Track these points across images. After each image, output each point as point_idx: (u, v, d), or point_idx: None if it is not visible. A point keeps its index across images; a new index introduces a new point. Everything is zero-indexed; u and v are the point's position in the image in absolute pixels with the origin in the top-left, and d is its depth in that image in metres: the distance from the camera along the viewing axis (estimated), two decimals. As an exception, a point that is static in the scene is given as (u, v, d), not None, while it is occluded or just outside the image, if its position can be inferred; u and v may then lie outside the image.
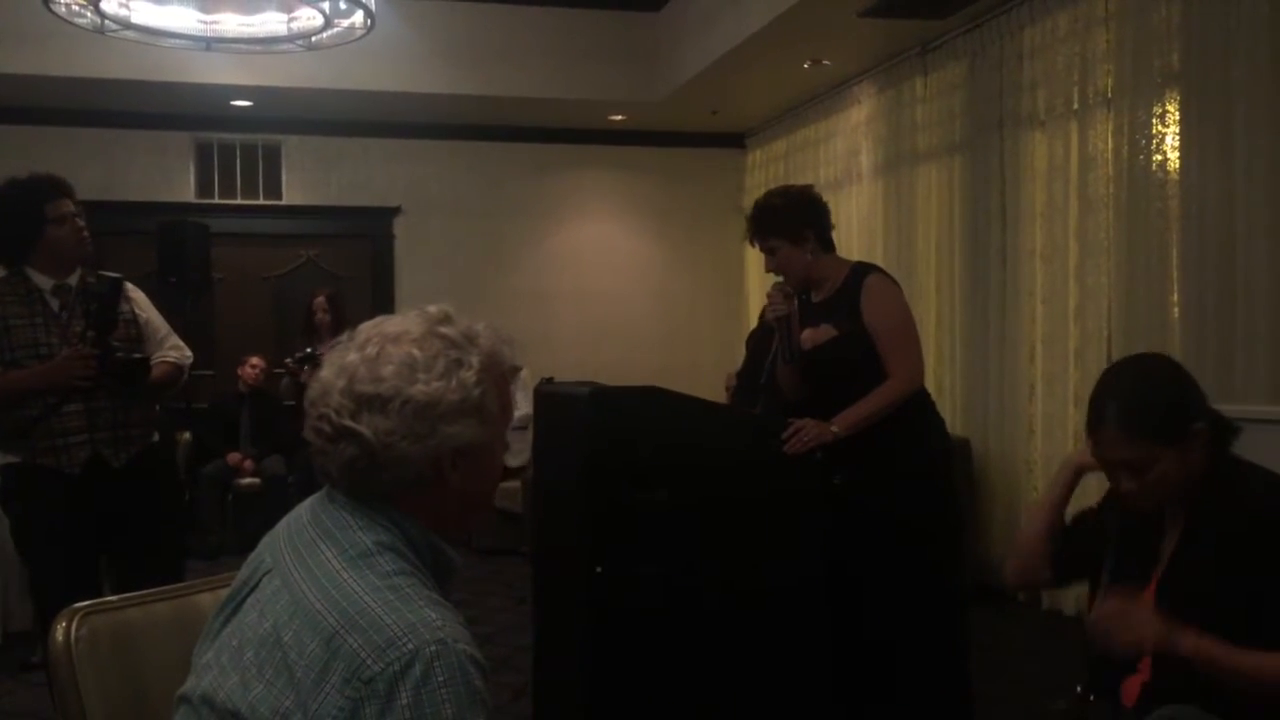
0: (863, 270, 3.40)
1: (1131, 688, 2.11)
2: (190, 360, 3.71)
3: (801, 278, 3.41)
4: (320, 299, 6.03)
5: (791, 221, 3.37)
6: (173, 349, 3.62)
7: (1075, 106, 5.35)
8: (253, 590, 1.41)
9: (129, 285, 3.55)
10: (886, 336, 3.28)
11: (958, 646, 3.39)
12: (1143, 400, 2.12)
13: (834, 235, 3.52)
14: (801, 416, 3.23)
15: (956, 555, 3.49)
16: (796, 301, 3.45)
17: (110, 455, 3.39)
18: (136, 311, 3.53)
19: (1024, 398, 5.72)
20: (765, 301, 4.39)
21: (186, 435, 7.17)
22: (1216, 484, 2.08)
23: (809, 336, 3.40)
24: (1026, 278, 5.68)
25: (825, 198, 3.59)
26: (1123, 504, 2.18)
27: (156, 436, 3.61)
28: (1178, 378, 2.17)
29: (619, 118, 8.56)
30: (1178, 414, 2.08)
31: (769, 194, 3.54)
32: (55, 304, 3.40)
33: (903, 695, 3.31)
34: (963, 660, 3.39)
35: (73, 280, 3.44)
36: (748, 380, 4.20)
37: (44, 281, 3.40)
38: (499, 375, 1.43)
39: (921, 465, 3.35)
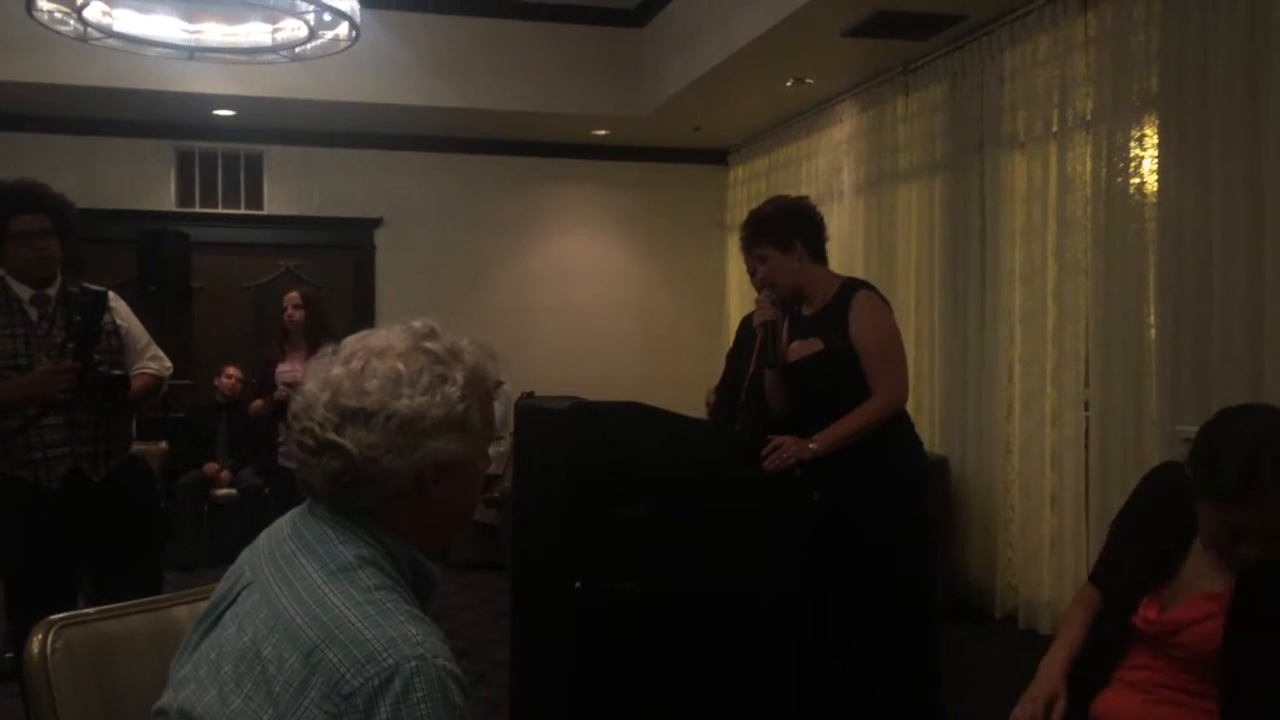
0: (853, 286, 3.40)
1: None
2: (170, 371, 3.68)
3: (790, 287, 3.42)
4: (292, 294, 5.69)
5: (780, 229, 3.39)
6: (152, 360, 3.59)
7: (1055, 129, 5.39)
8: (232, 603, 1.40)
9: (111, 294, 3.52)
10: (872, 355, 3.28)
11: (930, 664, 3.39)
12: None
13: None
14: (782, 433, 3.24)
15: (929, 574, 3.49)
16: (783, 311, 3.46)
17: (90, 469, 3.36)
18: (118, 321, 3.50)
19: (1002, 417, 5.75)
20: (754, 308, 4.43)
21: (163, 445, 7.13)
22: None
23: (796, 349, 3.41)
24: (1005, 297, 5.71)
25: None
26: (1238, 565, 2.06)
27: (135, 448, 3.58)
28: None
29: (602, 133, 8.58)
30: None
31: (764, 202, 3.57)
32: (34, 314, 3.36)
33: (873, 712, 3.31)
34: (934, 678, 3.39)
35: (52, 290, 3.40)
36: (727, 396, 4.20)
37: (23, 291, 3.35)
38: (483, 390, 1.43)
39: (897, 484, 3.35)
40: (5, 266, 3.37)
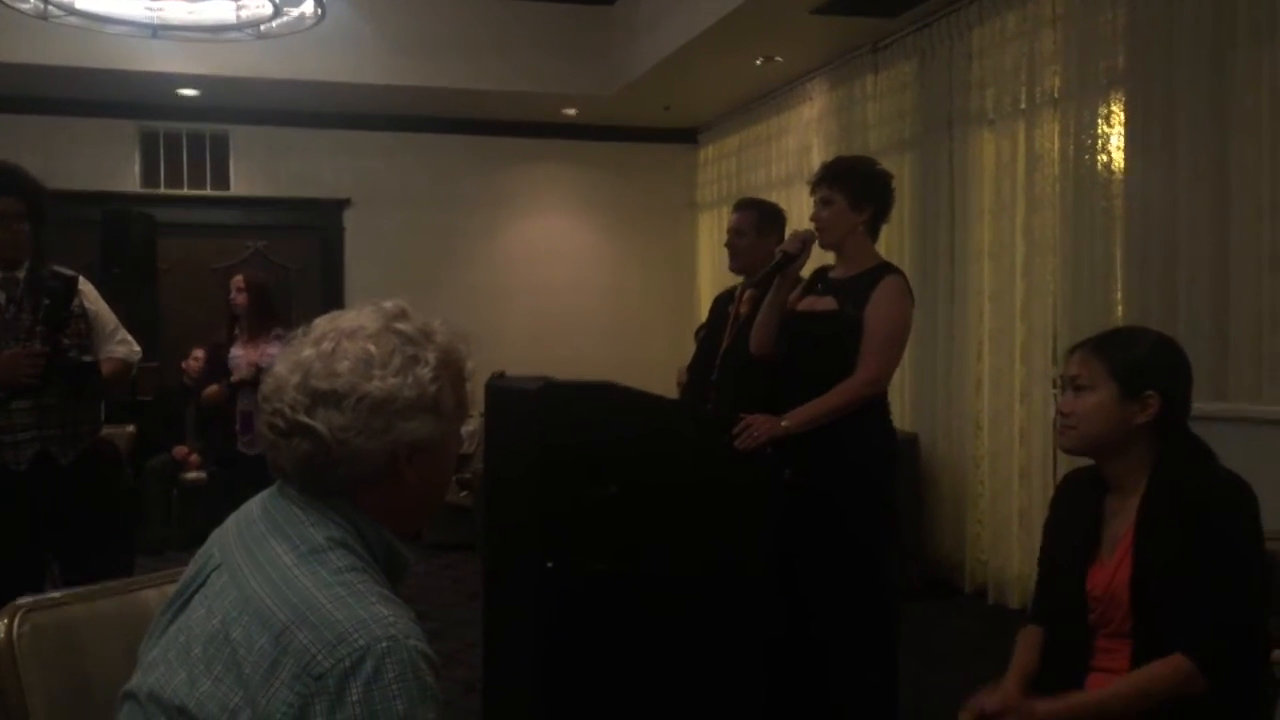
0: (887, 268, 3.42)
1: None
2: (139, 355, 3.65)
3: (835, 240, 3.42)
4: (237, 277, 5.59)
5: (863, 186, 3.41)
6: (120, 344, 3.56)
7: (1023, 106, 5.42)
8: (201, 586, 1.39)
9: (80, 278, 3.48)
10: (874, 337, 3.28)
11: (889, 640, 3.41)
12: (1125, 341, 2.20)
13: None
14: (753, 412, 3.25)
15: (890, 555, 3.50)
16: (804, 258, 3.44)
17: (59, 453, 3.33)
18: (86, 305, 3.47)
19: (971, 393, 5.79)
20: (716, 296, 4.44)
21: (131, 429, 7.08)
22: (1168, 471, 2.11)
23: (811, 303, 3.42)
24: (974, 275, 5.75)
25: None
26: (1059, 433, 2.23)
27: (103, 431, 3.56)
28: (1174, 359, 2.21)
29: (571, 112, 8.55)
30: (1143, 370, 2.13)
31: (860, 157, 3.70)
32: (2, 297, 3.32)
33: (835, 687, 3.34)
34: (893, 653, 3.41)
35: (20, 274, 3.36)
36: (699, 376, 4.21)
37: None
38: (455, 371, 1.42)
39: (870, 459, 3.36)
40: None
